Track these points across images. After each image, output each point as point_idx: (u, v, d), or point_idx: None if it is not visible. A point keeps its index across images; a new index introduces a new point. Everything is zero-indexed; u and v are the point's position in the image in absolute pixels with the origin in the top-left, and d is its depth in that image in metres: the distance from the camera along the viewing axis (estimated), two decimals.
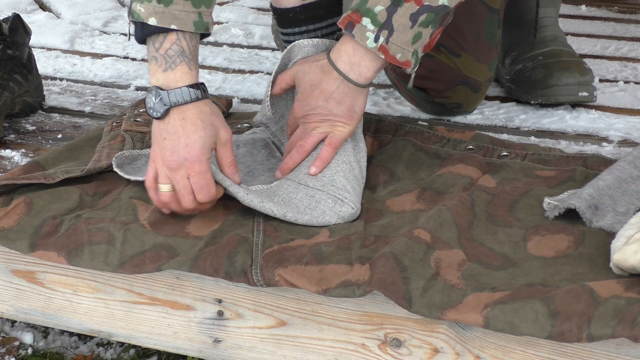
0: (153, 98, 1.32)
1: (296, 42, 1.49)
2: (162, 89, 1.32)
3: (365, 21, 1.36)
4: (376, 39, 1.36)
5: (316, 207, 1.35)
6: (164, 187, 1.33)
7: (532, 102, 1.89)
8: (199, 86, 1.34)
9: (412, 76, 1.45)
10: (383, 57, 1.37)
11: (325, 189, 1.37)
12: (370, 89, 2.03)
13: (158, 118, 1.33)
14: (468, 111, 1.86)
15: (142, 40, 1.36)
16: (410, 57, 1.39)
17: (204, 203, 1.33)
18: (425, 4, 1.36)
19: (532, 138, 1.73)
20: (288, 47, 1.49)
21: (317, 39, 1.49)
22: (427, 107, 1.85)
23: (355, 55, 1.38)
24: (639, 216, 1.22)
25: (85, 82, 2.11)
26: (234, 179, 1.36)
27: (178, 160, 1.31)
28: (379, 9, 1.35)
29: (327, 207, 1.35)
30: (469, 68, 1.77)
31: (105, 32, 2.54)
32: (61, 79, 2.12)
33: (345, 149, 1.43)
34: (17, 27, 1.87)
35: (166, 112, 1.32)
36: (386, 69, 1.90)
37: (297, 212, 1.34)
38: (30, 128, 1.80)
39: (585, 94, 1.85)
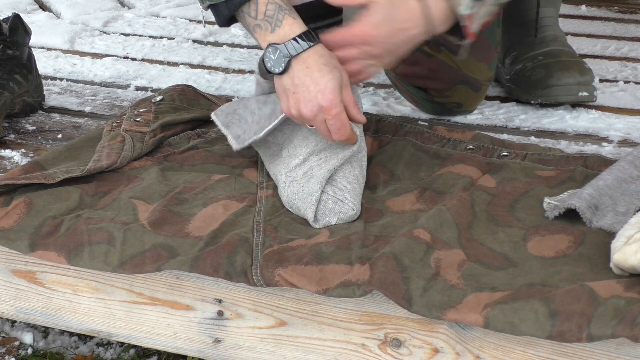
0: (271, 55, 1.34)
1: None
2: (278, 44, 1.34)
3: None
4: (470, 7, 1.36)
5: (316, 207, 1.35)
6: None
7: (532, 102, 1.89)
8: (310, 32, 1.35)
9: (464, 46, 1.46)
10: (466, 24, 1.38)
11: (325, 190, 1.37)
12: (370, 89, 2.03)
13: (281, 73, 1.35)
14: (468, 111, 1.86)
15: (226, 20, 1.38)
16: (476, 29, 1.40)
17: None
18: None
19: (532, 138, 1.73)
20: None
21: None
22: (427, 106, 1.85)
23: (434, 14, 1.37)
24: (639, 216, 1.22)
25: (85, 82, 2.11)
26: (360, 118, 1.38)
27: (313, 109, 1.34)
28: None
29: (326, 208, 1.35)
30: (469, 67, 1.77)
31: (105, 32, 2.54)
32: (61, 79, 2.12)
33: (346, 149, 1.43)
34: (17, 27, 1.88)
35: (288, 65, 1.34)
36: (386, 70, 1.91)
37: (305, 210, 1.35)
38: (30, 128, 1.80)
39: (585, 93, 1.85)
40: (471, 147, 1.57)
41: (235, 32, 2.53)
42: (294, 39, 1.34)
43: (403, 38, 1.39)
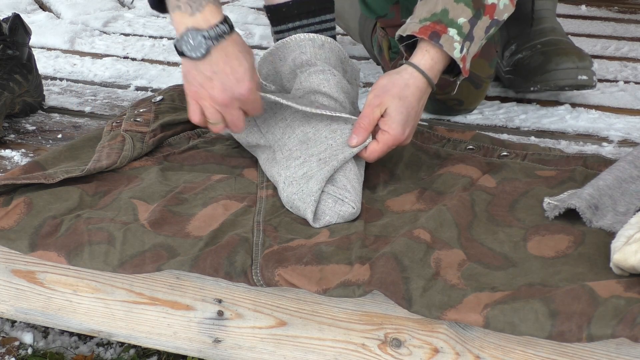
0: (191, 40, 1.35)
1: (293, 36, 1.49)
2: (199, 29, 1.35)
3: (452, 32, 1.42)
4: (462, 50, 1.43)
5: (316, 207, 1.35)
6: (216, 123, 1.40)
7: (532, 88, 1.89)
8: (227, 20, 1.37)
9: (458, 84, 1.51)
10: (461, 65, 1.44)
11: (325, 189, 1.37)
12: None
13: (199, 58, 1.36)
14: (469, 109, 1.86)
15: (156, 3, 1.40)
16: (469, 65, 1.47)
17: None
18: (495, 18, 1.46)
19: (532, 138, 1.73)
20: (283, 41, 1.49)
21: (313, 34, 1.49)
22: (428, 104, 1.84)
23: (441, 64, 1.43)
24: (639, 216, 1.22)
25: (85, 82, 2.11)
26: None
27: (232, 97, 1.36)
28: (462, 20, 1.43)
29: (327, 207, 1.35)
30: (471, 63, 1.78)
31: (105, 32, 2.54)
32: (61, 79, 2.12)
33: (346, 150, 1.43)
34: (17, 27, 1.88)
35: (207, 51, 1.35)
36: (386, 69, 1.90)
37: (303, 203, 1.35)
38: (30, 128, 1.80)
39: (584, 77, 1.85)
40: (471, 147, 1.57)
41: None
42: (217, 26, 1.35)
43: (420, 109, 1.43)
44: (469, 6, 1.42)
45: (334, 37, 1.55)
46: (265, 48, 2.38)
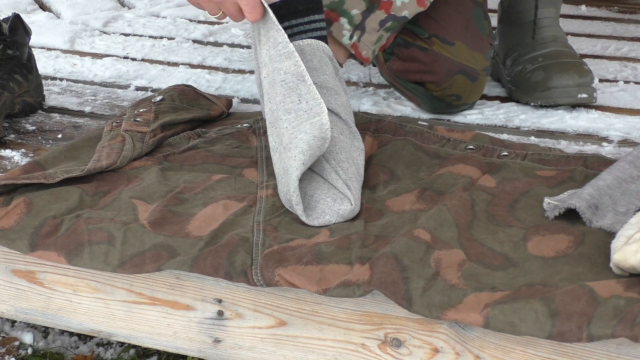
0: None
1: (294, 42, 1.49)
2: None
3: (343, 21, 1.61)
4: (351, 37, 1.62)
5: (315, 206, 1.35)
6: (214, 16, 1.42)
7: (532, 103, 1.89)
8: None
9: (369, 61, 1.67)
10: (353, 52, 1.63)
11: (324, 188, 1.37)
12: (370, 88, 2.03)
13: None
14: (467, 104, 1.86)
15: None
16: (370, 54, 1.65)
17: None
18: (391, 13, 1.64)
19: (532, 138, 1.73)
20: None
21: (311, 40, 1.49)
22: (426, 102, 1.85)
23: (332, 47, 1.57)
24: (639, 216, 1.22)
25: (85, 82, 2.11)
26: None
27: None
28: (355, 12, 1.62)
29: (326, 206, 1.35)
30: (464, 56, 1.79)
31: (105, 32, 2.54)
32: (61, 79, 2.12)
33: (343, 147, 1.43)
34: (17, 27, 1.88)
35: None
36: (382, 71, 1.91)
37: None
38: (30, 128, 1.80)
39: (584, 95, 1.85)
40: (471, 147, 1.57)
41: (235, 32, 2.53)
42: None
43: None
44: (365, 0, 1.61)
45: (324, 37, 1.55)
46: None
